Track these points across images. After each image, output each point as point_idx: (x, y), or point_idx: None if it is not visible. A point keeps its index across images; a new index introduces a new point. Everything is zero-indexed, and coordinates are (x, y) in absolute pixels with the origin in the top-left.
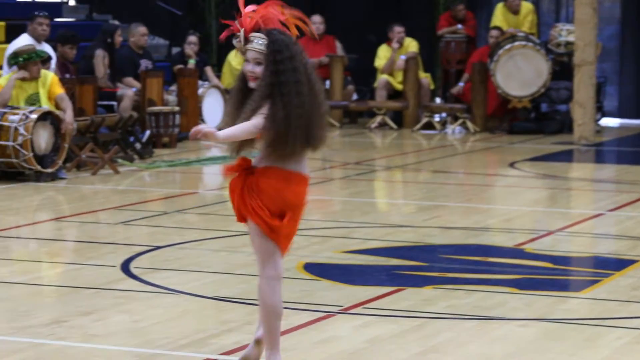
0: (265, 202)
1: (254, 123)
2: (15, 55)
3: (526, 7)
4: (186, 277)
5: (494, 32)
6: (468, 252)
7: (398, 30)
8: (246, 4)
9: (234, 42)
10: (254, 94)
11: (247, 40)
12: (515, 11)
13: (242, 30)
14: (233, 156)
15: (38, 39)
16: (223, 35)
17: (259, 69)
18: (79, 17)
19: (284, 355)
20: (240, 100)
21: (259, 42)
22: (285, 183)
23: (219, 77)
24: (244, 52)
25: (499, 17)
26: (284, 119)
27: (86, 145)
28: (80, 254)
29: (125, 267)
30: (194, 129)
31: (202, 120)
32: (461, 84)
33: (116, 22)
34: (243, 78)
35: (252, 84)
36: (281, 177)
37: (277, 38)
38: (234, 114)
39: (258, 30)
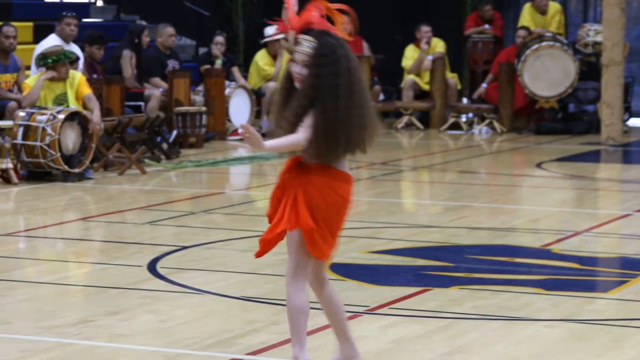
0: (316, 201)
1: (302, 136)
2: (43, 57)
3: (554, 7)
4: (212, 277)
5: (522, 32)
6: (494, 253)
7: (425, 30)
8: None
9: (282, 42)
10: (297, 96)
11: (295, 41)
12: (542, 11)
13: (291, 32)
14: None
15: (66, 39)
16: (273, 35)
17: (306, 71)
18: (107, 17)
19: (310, 355)
20: (285, 99)
21: (307, 44)
22: (336, 181)
23: (245, 77)
24: (291, 53)
25: (527, 17)
26: (323, 124)
27: (113, 145)
28: (107, 253)
29: (152, 267)
30: (244, 127)
31: (229, 121)
32: (484, 85)
33: (143, 23)
34: (289, 77)
35: (298, 85)
36: (332, 174)
37: (324, 42)
38: (280, 113)
39: (307, 32)
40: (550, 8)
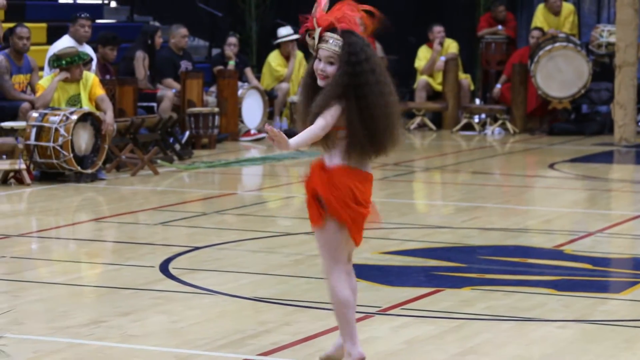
0: (339, 196)
1: (320, 125)
2: (57, 58)
3: (567, 8)
4: (224, 278)
5: (535, 33)
6: (507, 253)
7: (437, 30)
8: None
9: (307, 38)
10: (323, 93)
11: (321, 39)
12: (556, 12)
13: (317, 29)
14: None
15: (80, 40)
16: (301, 31)
17: (330, 69)
18: (120, 18)
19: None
20: (309, 97)
21: (334, 42)
22: (354, 181)
23: (258, 78)
24: (316, 50)
25: (540, 18)
26: (370, 120)
27: (126, 146)
28: (119, 254)
29: (164, 268)
30: (269, 130)
31: (242, 122)
32: (498, 85)
33: (157, 24)
34: (312, 75)
35: (321, 82)
36: (351, 174)
37: (353, 40)
38: (303, 111)
39: (333, 30)
40: (563, 9)
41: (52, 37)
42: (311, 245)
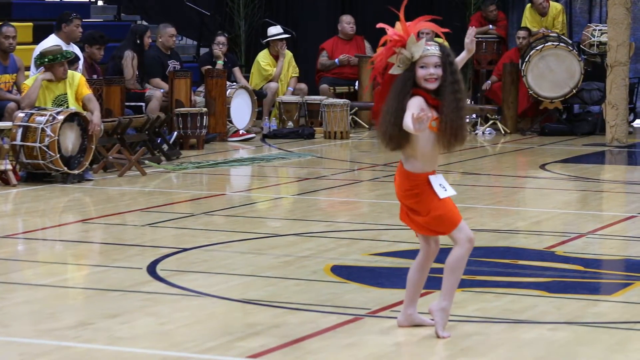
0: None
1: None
2: (41, 56)
3: (555, 8)
4: (213, 280)
5: (522, 33)
6: (497, 255)
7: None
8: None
9: (401, 52)
10: (451, 93)
11: (426, 47)
12: (542, 13)
13: (411, 36)
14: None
15: (74, 40)
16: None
17: (440, 71)
18: (107, 17)
19: (311, 358)
20: (404, 103)
21: (435, 48)
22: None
23: (247, 77)
24: (416, 60)
25: (528, 18)
26: (461, 112)
27: (113, 146)
28: (107, 256)
29: (152, 269)
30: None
31: (230, 122)
32: (489, 81)
33: (144, 23)
34: (406, 82)
35: (432, 86)
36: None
37: (444, 44)
38: (398, 117)
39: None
40: (551, 9)
41: (38, 36)
42: (300, 246)
